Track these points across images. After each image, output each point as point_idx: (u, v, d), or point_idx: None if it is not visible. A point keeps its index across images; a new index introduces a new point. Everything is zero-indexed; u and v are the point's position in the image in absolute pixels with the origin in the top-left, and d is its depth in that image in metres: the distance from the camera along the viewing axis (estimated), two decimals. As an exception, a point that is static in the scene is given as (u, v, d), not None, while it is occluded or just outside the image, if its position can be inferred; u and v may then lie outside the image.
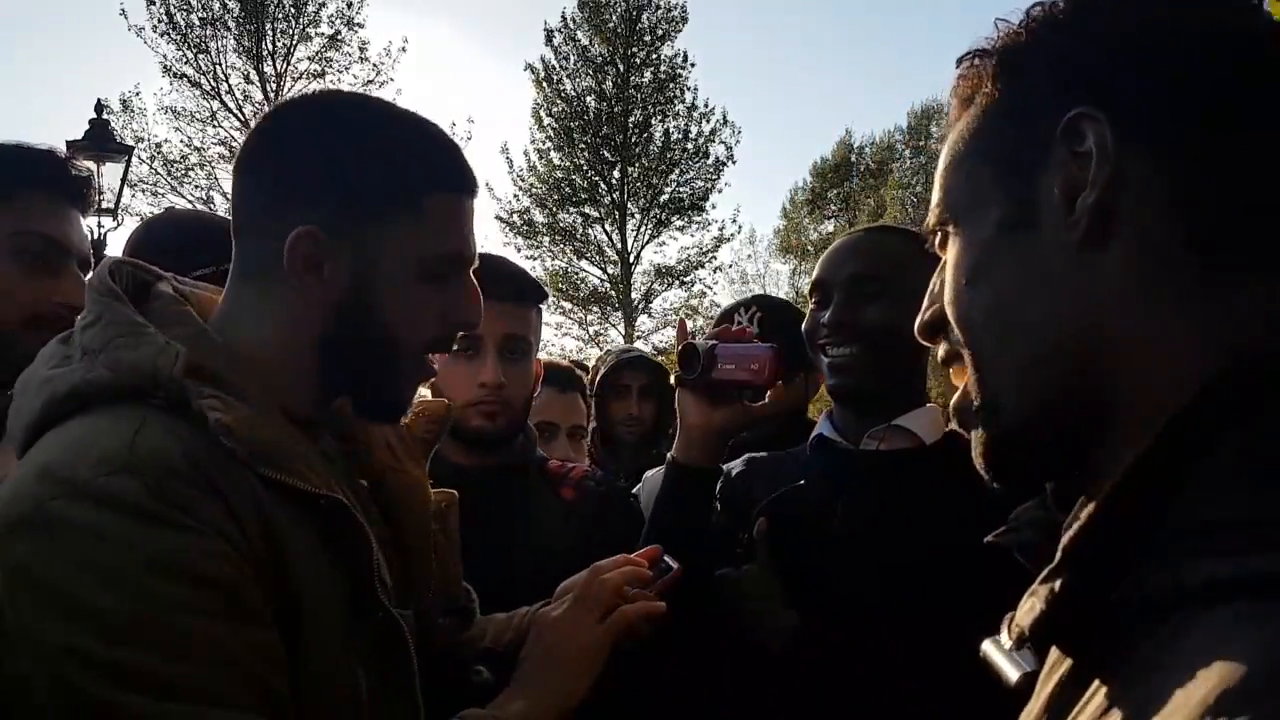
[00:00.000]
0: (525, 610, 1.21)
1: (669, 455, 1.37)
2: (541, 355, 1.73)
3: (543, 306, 1.65)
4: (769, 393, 1.33)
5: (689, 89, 21.88)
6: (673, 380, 1.37)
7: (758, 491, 1.43)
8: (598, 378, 2.63)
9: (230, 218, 0.97)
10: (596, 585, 1.13)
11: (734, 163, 22.13)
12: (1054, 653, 0.57)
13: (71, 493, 0.75)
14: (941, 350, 0.67)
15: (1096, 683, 0.51)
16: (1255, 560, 0.44)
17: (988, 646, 0.62)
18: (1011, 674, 0.59)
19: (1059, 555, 0.53)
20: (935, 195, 0.66)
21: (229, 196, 1.02)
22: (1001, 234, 0.60)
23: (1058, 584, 0.52)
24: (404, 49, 18.76)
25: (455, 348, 1.52)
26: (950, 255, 0.64)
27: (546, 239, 21.89)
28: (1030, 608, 0.54)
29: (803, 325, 1.46)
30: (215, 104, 17.88)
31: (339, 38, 18.33)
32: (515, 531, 1.52)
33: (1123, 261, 0.55)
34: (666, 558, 1.22)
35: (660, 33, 21.78)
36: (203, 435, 0.81)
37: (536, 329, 1.62)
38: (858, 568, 1.30)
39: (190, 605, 0.75)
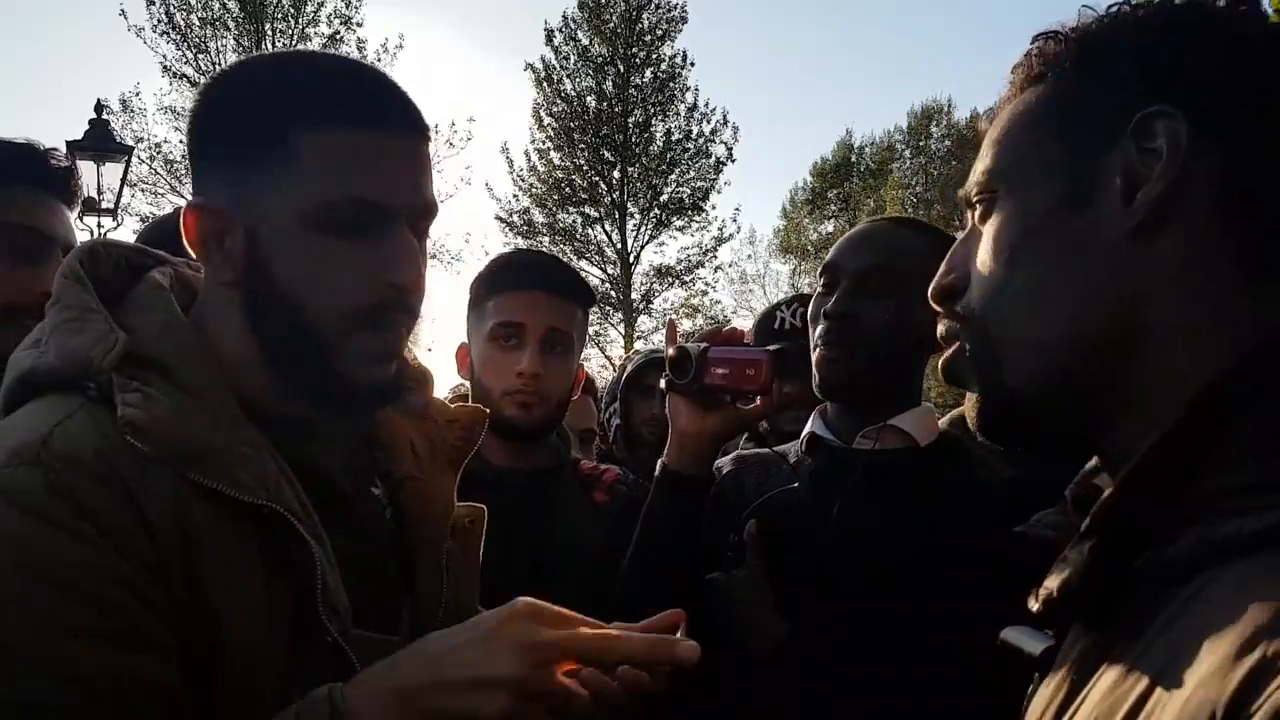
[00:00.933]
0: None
1: (660, 461, 1.34)
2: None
3: (590, 310, 1.65)
4: (761, 399, 1.30)
5: (689, 89, 21.90)
6: (663, 384, 1.33)
7: (748, 491, 1.40)
8: (624, 377, 2.63)
9: None
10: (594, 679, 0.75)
11: (734, 162, 22.17)
12: (1073, 629, 0.59)
13: None
14: (942, 327, 0.68)
15: (1117, 650, 0.53)
16: (1276, 515, 0.46)
17: (1007, 633, 0.64)
18: (1035, 648, 0.61)
19: (1088, 521, 0.55)
20: (983, 163, 0.67)
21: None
22: (1055, 209, 0.61)
23: (1087, 547, 0.54)
24: (400, 46, 18.74)
25: (498, 337, 1.52)
26: (992, 224, 0.65)
27: (546, 239, 21.86)
28: (1059, 572, 0.56)
29: (809, 311, 1.41)
30: (215, 104, 17.84)
31: (338, 37, 18.32)
32: (547, 534, 1.51)
33: (1169, 256, 0.57)
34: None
35: (660, 33, 21.78)
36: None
37: (581, 329, 1.62)
38: (853, 571, 1.28)
39: (64, 622, 0.68)
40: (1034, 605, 0.59)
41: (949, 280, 0.68)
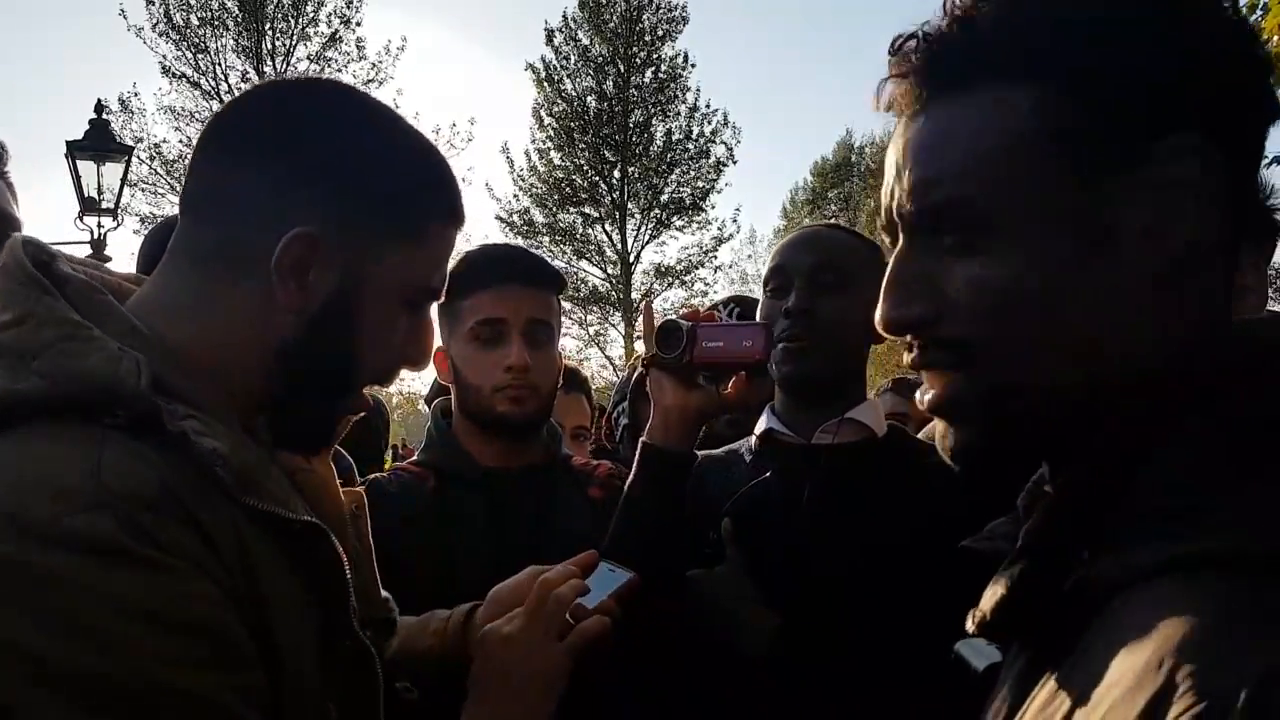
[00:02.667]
0: (445, 614, 1.17)
1: (641, 440, 1.34)
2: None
3: (561, 296, 1.64)
4: (732, 383, 1.31)
5: (689, 89, 21.91)
6: (642, 361, 1.33)
7: (713, 488, 1.42)
8: (633, 376, 2.65)
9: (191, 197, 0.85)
10: (552, 602, 1.05)
11: (734, 163, 22.17)
12: (1014, 646, 0.60)
13: (26, 536, 0.63)
14: (910, 356, 0.63)
15: (1049, 669, 0.53)
16: (1191, 540, 0.47)
17: (960, 645, 0.64)
18: (979, 664, 0.62)
19: (1019, 544, 0.56)
20: (947, 188, 0.59)
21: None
22: (1072, 255, 0.56)
23: (1016, 570, 0.55)
24: (402, 47, 18.74)
25: (479, 337, 1.51)
26: (991, 267, 0.58)
27: (546, 239, 21.88)
28: (992, 594, 0.57)
29: (758, 313, 1.45)
30: (214, 104, 17.85)
31: (337, 37, 18.34)
32: (542, 532, 1.49)
33: (1205, 293, 0.56)
34: (610, 565, 1.18)
35: (661, 33, 21.79)
36: (174, 459, 0.71)
37: (558, 317, 1.61)
38: (831, 561, 1.30)
39: (176, 657, 0.65)
40: (970, 625, 0.59)
41: (915, 313, 0.61)
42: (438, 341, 1.63)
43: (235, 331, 0.82)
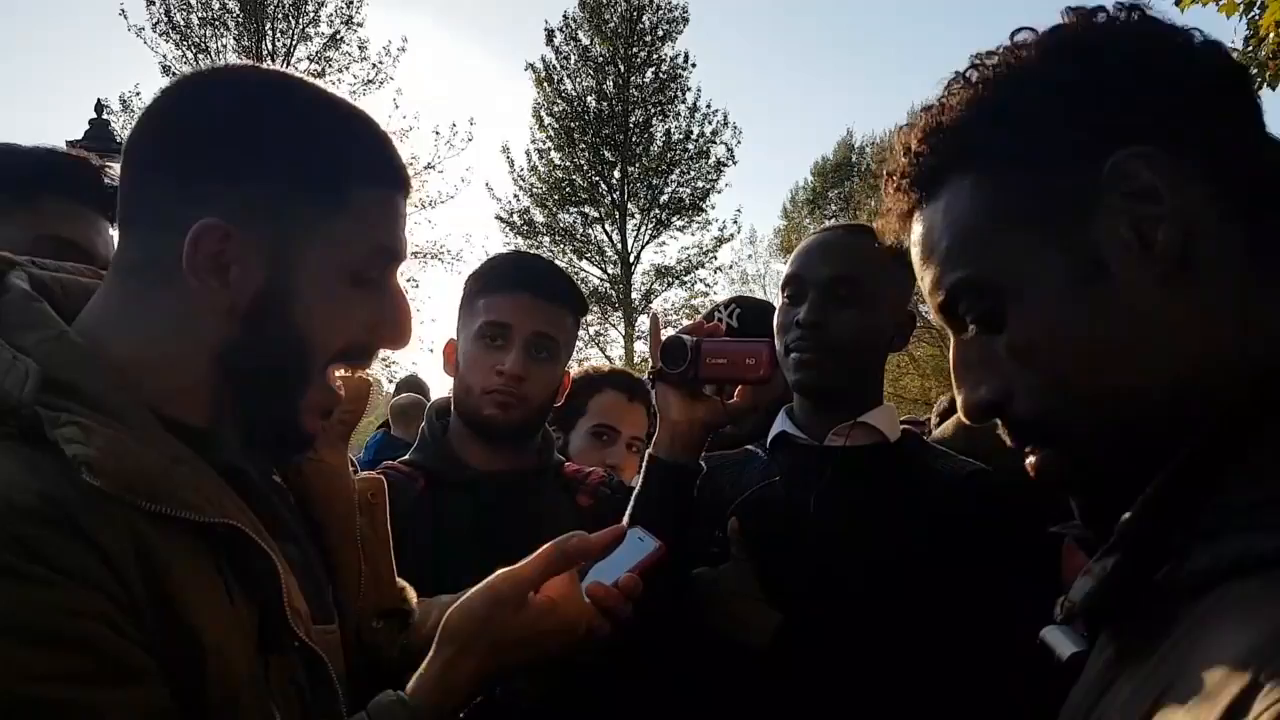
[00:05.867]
0: (475, 589, 1.15)
1: (648, 453, 1.36)
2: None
3: (582, 319, 1.63)
4: (738, 392, 1.33)
5: (689, 89, 21.92)
6: (647, 375, 1.35)
7: (724, 489, 1.44)
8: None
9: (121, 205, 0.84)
10: (569, 551, 1.03)
11: (735, 163, 22.17)
12: (1102, 636, 0.60)
13: None
14: (1006, 433, 0.66)
15: (1135, 661, 0.53)
16: (1275, 535, 0.46)
17: (1046, 632, 0.65)
18: (1064, 651, 0.62)
19: (1114, 537, 0.56)
20: (954, 273, 0.64)
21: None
22: (1074, 288, 0.59)
23: (1110, 563, 0.55)
24: (403, 48, 18.71)
25: (484, 336, 1.52)
26: (1013, 331, 0.62)
27: (546, 239, 21.88)
28: (1082, 585, 0.57)
29: (775, 320, 1.47)
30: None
31: (338, 37, 18.34)
32: (529, 537, 1.50)
33: (1206, 287, 0.56)
34: (640, 533, 1.17)
35: (661, 33, 21.79)
36: (66, 466, 0.69)
37: (569, 335, 1.60)
38: (837, 562, 1.32)
39: (53, 673, 0.64)
40: (1058, 613, 0.60)
41: (985, 397, 0.65)
42: (450, 333, 1.66)
43: (166, 339, 0.80)
